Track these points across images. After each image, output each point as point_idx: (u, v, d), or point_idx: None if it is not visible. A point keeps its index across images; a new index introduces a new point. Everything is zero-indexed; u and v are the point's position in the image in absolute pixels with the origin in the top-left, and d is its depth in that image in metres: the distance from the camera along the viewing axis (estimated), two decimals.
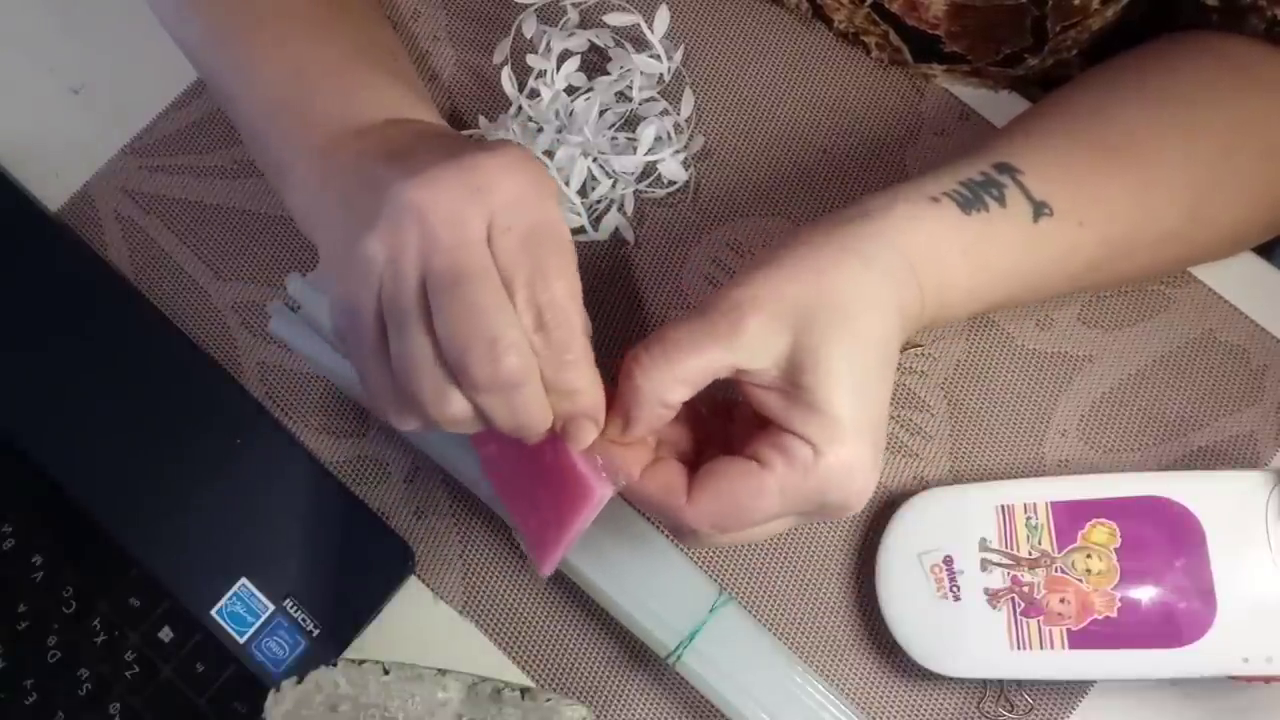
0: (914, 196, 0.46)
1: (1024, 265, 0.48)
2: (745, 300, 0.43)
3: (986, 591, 0.52)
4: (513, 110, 0.61)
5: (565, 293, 0.42)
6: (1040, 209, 0.47)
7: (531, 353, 0.41)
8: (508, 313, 0.41)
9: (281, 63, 0.51)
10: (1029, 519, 0.53)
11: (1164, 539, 0.52)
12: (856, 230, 0.45)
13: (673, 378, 0.43)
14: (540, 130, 0.59)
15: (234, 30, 0.52)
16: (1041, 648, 0.51)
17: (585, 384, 0.42)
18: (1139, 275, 0.56)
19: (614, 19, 0.61)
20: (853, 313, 0.42)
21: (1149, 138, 0.51)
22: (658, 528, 0.54)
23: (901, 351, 0.47)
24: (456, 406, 0.42)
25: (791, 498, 0.42)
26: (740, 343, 0.42)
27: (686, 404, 0.44)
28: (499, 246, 0.41)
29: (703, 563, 0.56)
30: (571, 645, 0.56)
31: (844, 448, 0.42)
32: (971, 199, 0.46)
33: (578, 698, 0.55)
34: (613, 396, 0.44)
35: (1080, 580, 0.52)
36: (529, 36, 0.62)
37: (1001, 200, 0.47)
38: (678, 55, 0.61)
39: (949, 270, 0.46)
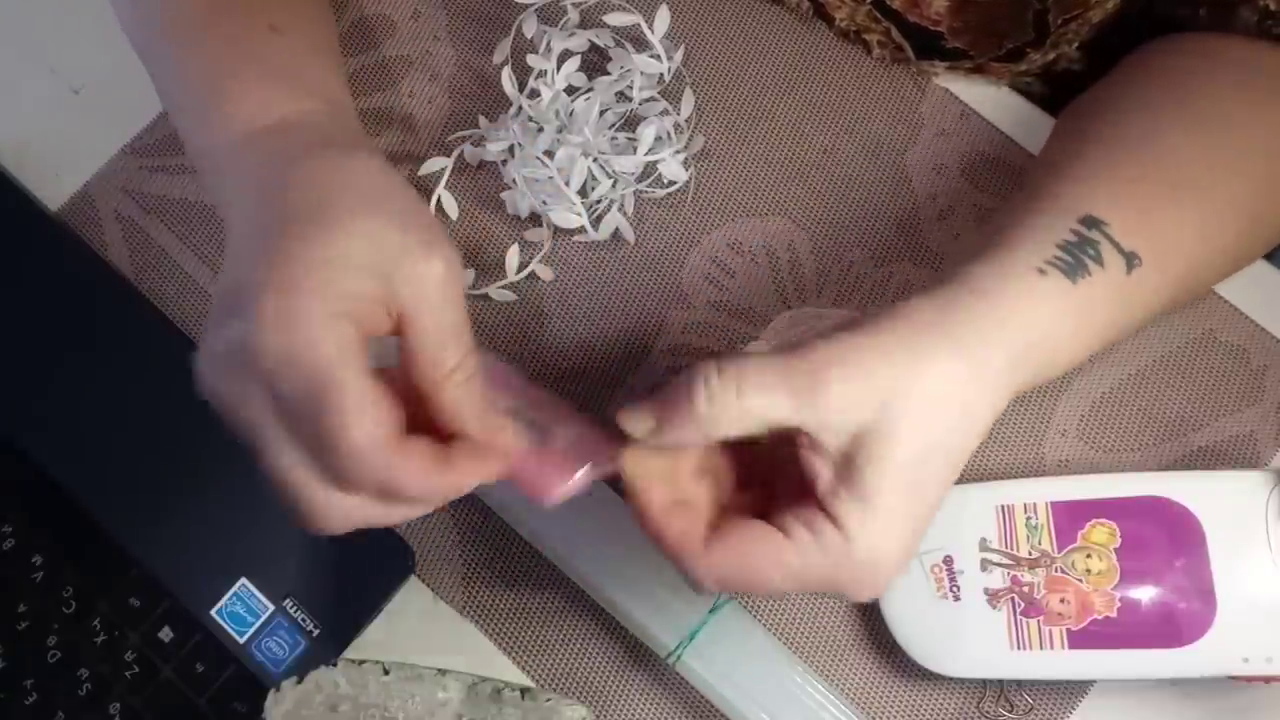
0: (1020, 270, 0.44)
1: (1121, 318, 0.47)
2: (833, 363, 0.41)
3: (986, 591, 0.52)
4: (513, 110, 0.61)
5: (334, 442, 0.39)
6: (1131, 261, 0.46)
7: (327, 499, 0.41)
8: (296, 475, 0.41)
9: (169, 64, 0.52)
10: (1029, 519, 0.53)
11: (1164, 539, 0.52)
12: (961, 314, 0.43)
13: (733, 413, 0.41)
14: (540, 130, 0.59)
15: (146, 22, 0.53)
16: (1041, 648, 0.51)
17: (413, 488, 0.41)
18: (1192, 300, 0.56)
19: (614, 19, 0.61)
20: (939, 411, 0.41)
21: (1204, 167, 0.50)
22: None
23: None
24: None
25: (807, 578, 0.41)
26: (815, 405, 0.40)
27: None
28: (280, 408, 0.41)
29: None
30: (571, 645, 0.56)
31: (875, 545, 0.41)
32: (1075, 264, 0.45)
33: (578, 698, 0.55)
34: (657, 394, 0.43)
35: (1080, 580, 0.52)
36: (529, 36, 0.62)
37: (1099, 260, 0.45)
38: (678, 55, 0.61)
39: (1059, 344, 0.45)
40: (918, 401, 0.41)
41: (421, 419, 0.42)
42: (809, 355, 0.41)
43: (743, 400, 0.40)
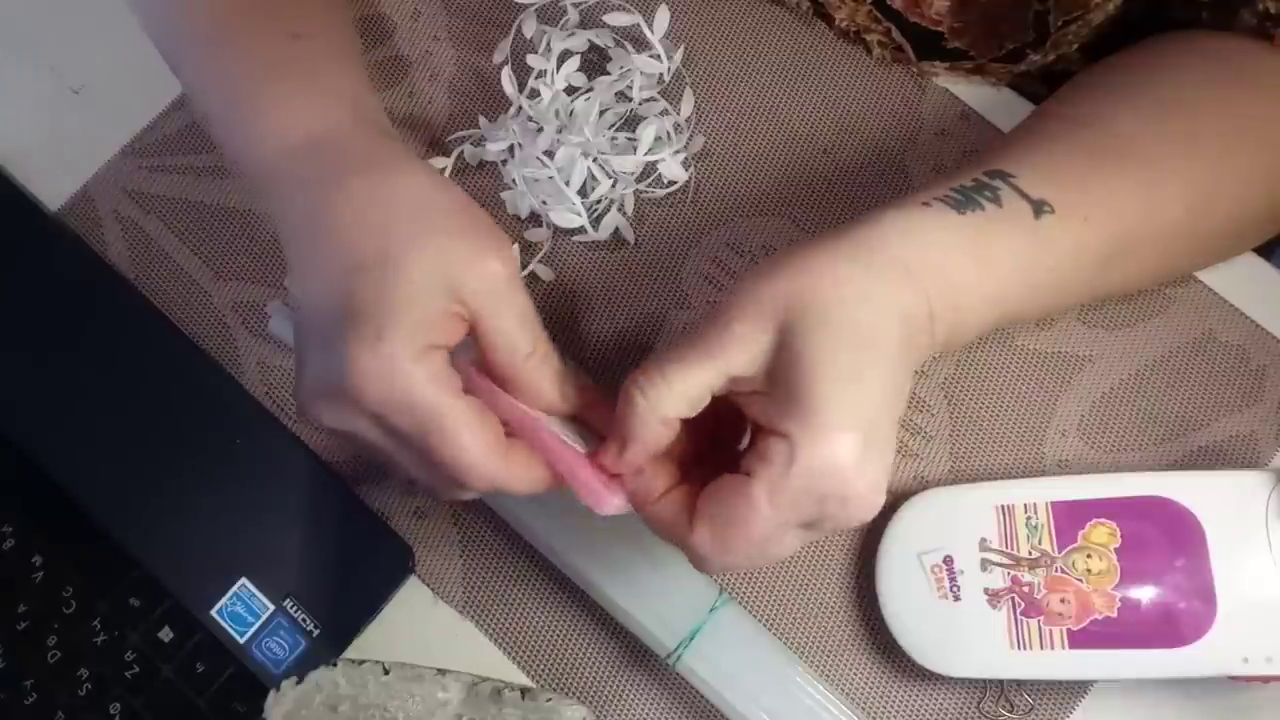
0: (903, 204, 0.46)
1: (1035, 264, 0.47)
2: (730, 307, 0.43)
3: (986, 591, 0.52)
4: (513, 110, 0.61)
5: (451, 462, 0.44)
6: (1040, 207, 0.47)
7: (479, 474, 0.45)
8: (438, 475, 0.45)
9: (195, 76, 0.53)
10: (1029, 519, 0.53)
11: (1164, 539, 0.52)
12: (844, 236, 0.44)
13: (668, 394, 0.43)
14: (540, 130, 0.59)
15: (175, 26, 0.54)
16: (1041, 648, 0.51)
17: (520, 488, 0.46)
18: (1149, 277, 0.55)
19: (614, 19, 0.61)
20: (835, 306, 0.42)
21: (1149, 141, 0.50)
22: None
23: None
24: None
25: (781, 502, 0.41)
26: (726, 349, 0.42)
27: (701, 431, 0.45)
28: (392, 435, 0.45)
29: None
30: (571, 645, 0.56)
31: (823, 437, 0.41)
32: (964, 201, 0.46)
33: (578, 698, 0.55)
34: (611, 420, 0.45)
35: (1080, 580, 0.52)
36: (529, 36, 0.62)
37: (996, 200, 0.46)
38: (678, 55, 0.61)
39: (954, 270, 0.45)
40: (813, 303, 0.42)
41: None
42: (710, 314, 0.43)
43: (670, 385, 0.43)
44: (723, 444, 0.47)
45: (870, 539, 0.56)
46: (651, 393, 0.43)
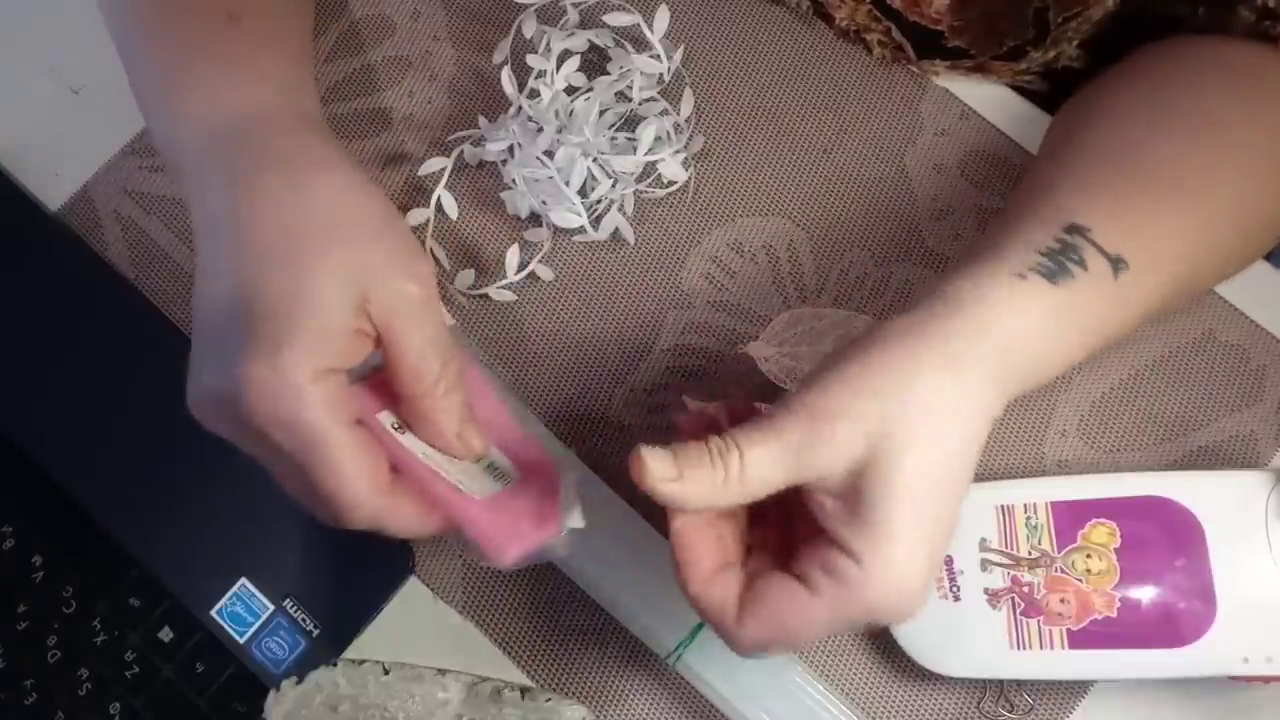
0: (1000, 277, 0.44)
1: (1112, 321, 0.47)
2: (822, 412, 0.41)
3: (986, 591, 0.52)
4: (513, 110, 0.61)
5: (329, 495, 0.42)
6: (1118, 264, 0.46)
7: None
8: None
9: (131, 57, 0.52)
10: (1029, 519, 0.53)
11: (1164, 539, 0.52)
12: (944, 327, 0.43)
13: (739, 488, 0.41)
14: (540, 130, 0.59)
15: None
16: (1041, 648, 0.51)
17: (401, 530, 0.44)
18: (1194, 300, 0.55)
19: (614, 19, 0.61)
20: (932, 426, 0.41)
21: (1198, 170, 0.50)
22: (658, 529, 0.54)
23: None
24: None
25: (839, 620, 0.41)
26: (812, 461, 0.41)
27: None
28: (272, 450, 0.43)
29: None
30: (571, 645, 0.56)
31: (894, 568, 0.40)
32: (1055, 269, 0.44)
33: (578, 698, 0.55)
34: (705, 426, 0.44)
35: (1080, 580, 0.52)
36: (529, 36, 0.62)
37: (1082, 264, 0.45)
38: (678, 55, 0.61)
39: (1046, 346, 0.44)
40: (909, 422, 0.41)
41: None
42: (799, 411, 0.41)
43: (746, 475, 0.41)
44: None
45: None
46: (728, 473, 0.41)
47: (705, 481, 0.41)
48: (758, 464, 0.41)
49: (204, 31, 0.50)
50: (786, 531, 0.45)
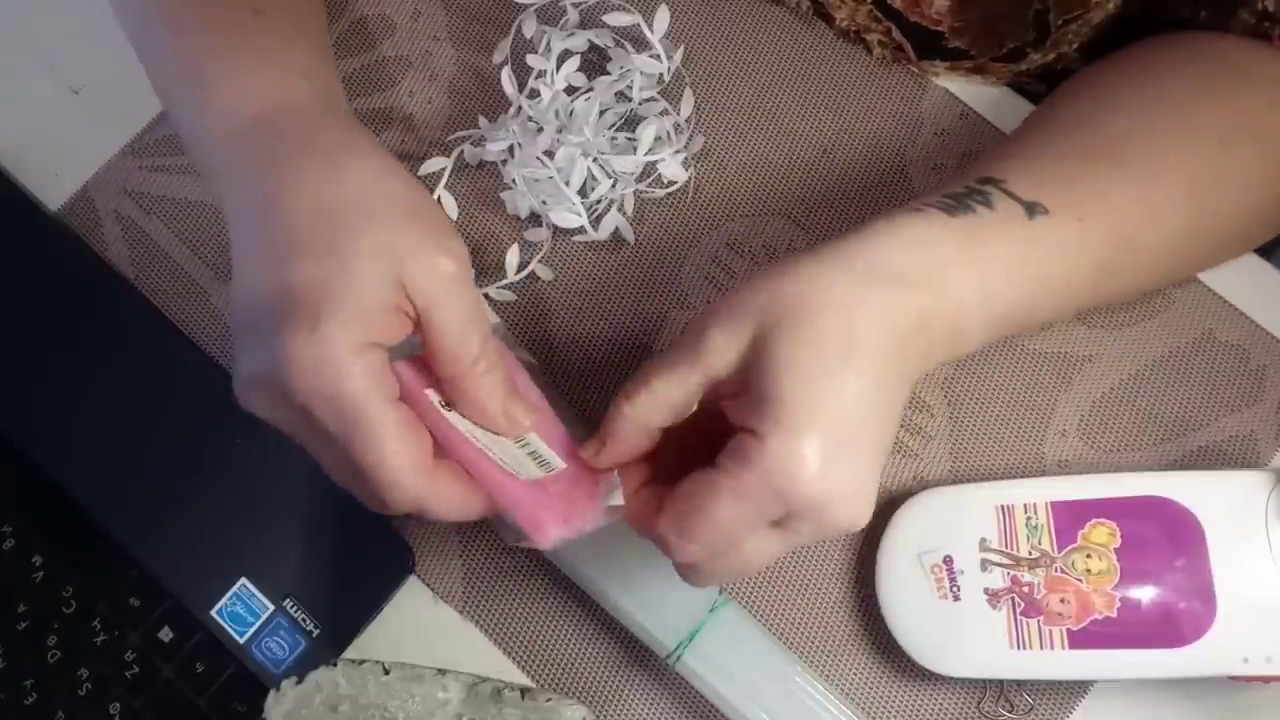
0: (894, 211, 0.45)
1: (1029, 264, 0.47)
2: (708, 314, 0.43)
3: (986, 591, 0.52)
4: (513, 110, 0.61)
5: (372, 472, 0.42)
6: (1033, 208, 0.46)
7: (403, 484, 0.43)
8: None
9: (155, 53, 0.52)
10: (1029, 519, 0.53)
11: (1164, 539, 0.52)
12: (831, 245, 0.44)
13: (651, 402, 0.43)
14: (540, 130, 0.59)
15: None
16: (1041, 648, 0.51)
17: (443, 512, 0.44)
18: (1153, 278, 0.55)
19: (614, 19, 0.61)
20: (810, 310, 0.41)
21: (1142, 139, 0.50)
22: None
23: None
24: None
25: (743, 494, 0.41)
26: (704, 355, 0.42)
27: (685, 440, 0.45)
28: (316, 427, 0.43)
29: None
30: (571, 645, 0.56)
31: (787, 433, 0.40)
32: (954, 205, 0.46)
33: (578, 698, 0.55)
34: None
35: (1080, 580, 0.52)
36: (529, 36, 0.62)
37: (988, 204, 0.46)
38: (678, 55, 0.61)
39: (949, 273, 0.44)
40: (788, 307, 0.42)
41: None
42: (692, 325, 0.43)
43: (654, 394, 0.43)
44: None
45: (870, 539, 0.56)
46: (638, 400, 0.43)
47: (626, 426, 0.44)
48: (660, 383, 0.43)
49: (229, 24, 0.50)
50: None
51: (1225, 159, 0.51)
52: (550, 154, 0.59)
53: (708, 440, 0.44)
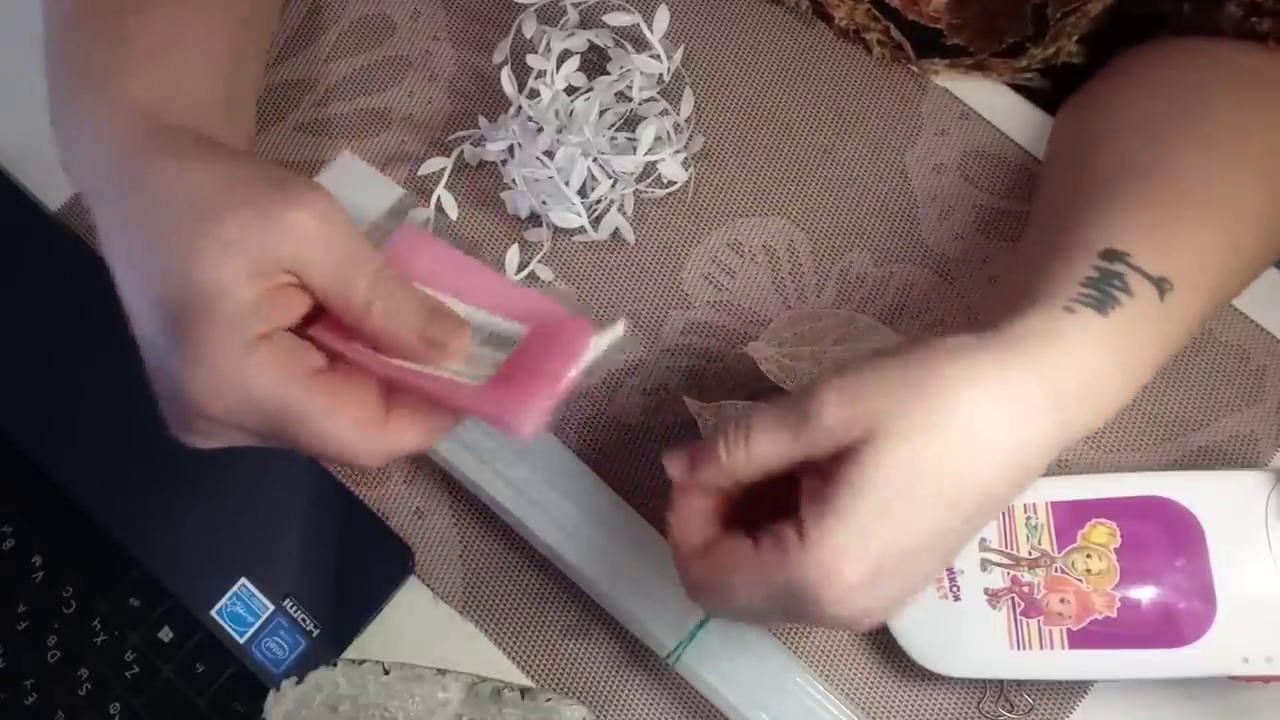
0: (1049, 311, 0.43)
1: (1164, 344, 0.45)
2: (828, 391, 0.41)
3: (986, 591, 0.52)
4: (513, 110, 0.61)
5: (321, 450, 0.42)
6: (1162, 285, 0.45)
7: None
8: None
9: (51, 64, 0.52)
10: (1029, 519, 0.53)
11: (1164, 539, 0.52)
12: (983, 353, 0.41)
13: (744, 460, 0.42)
14: (540, 130, 0.59)
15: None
16: (1041, 648, 0.51)
17: (412, 448, 0.43)
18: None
19: (614, 19, 0.61)
20: (930, 436, 0.40)
21: (1221, 180, 0.49)
22: (657, 529, 0.54)
23: None
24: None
25: (763, 579, 0.41)
26: (809, 435, 0.41)
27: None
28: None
29: None
30: (571, 645, 0.56)
31: (827, 546, 0.39)
32: (1102, 298, 0.43)
33: (578, 698, 0.55)
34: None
35: (1080, 580, 0.52)
36: (529, 36, 0.62)
37: (1127, 289, 0.44)
38: (678, 55, 0.61)
39: (1107, 380, 0.43)
40: (910, 423, 0.40)
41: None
42: (811, 390, 0.41)
43: (750, 448, 0.42)
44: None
45: None
46: (734, 451, 0.42)
47: (712, 463, 0.43)
48: (759, 441, 0.42)
49: (100, 44, 0.49)
50: None
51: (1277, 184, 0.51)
52: (550, 154, 0.59)
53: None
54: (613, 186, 0.60)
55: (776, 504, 0.43)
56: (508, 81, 0.61)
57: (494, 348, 0.43)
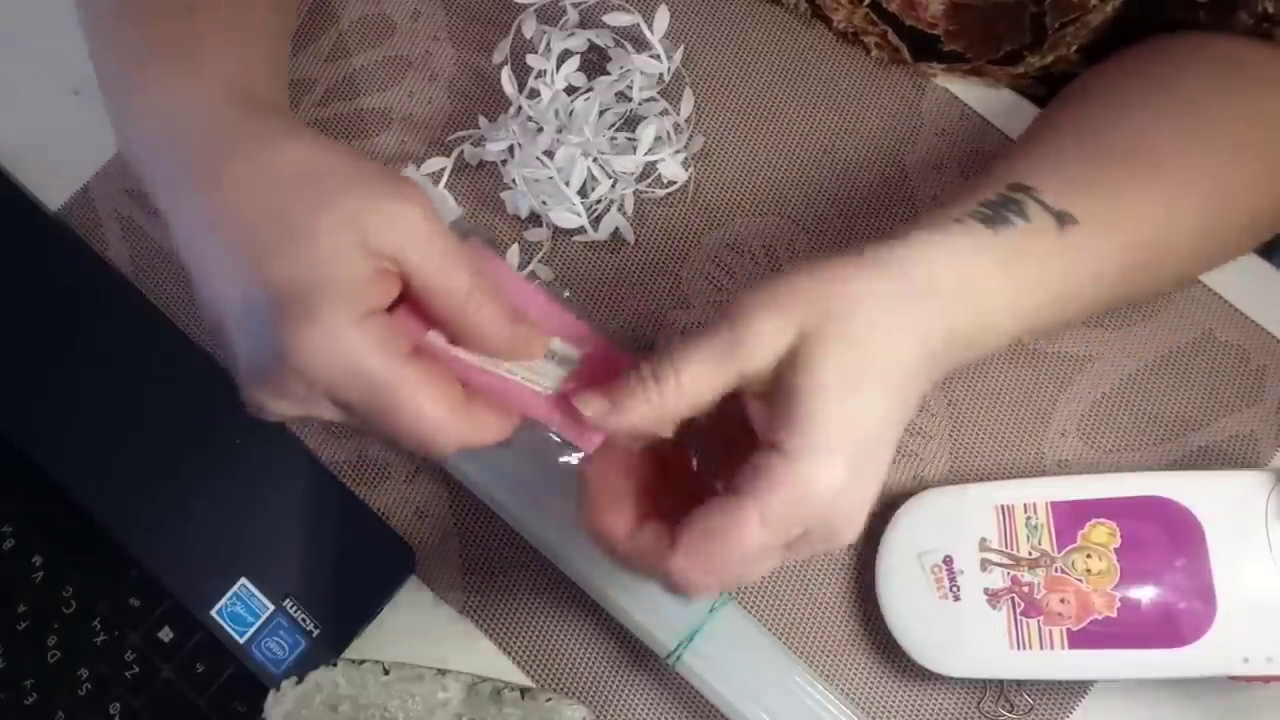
0: (935, 220, 0.45)
1: (1060, 277, 0.46)
2: (752, 304, 0.41)
3: (986, 591, 0.52)
4: (513, 110, 0.61)
5: (411, 430, 0.42)
6: (1063, 218, 0.46)
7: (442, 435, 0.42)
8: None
9: (95, 54, 0.51)
10: (1029, 519, 0.53)
11: (1164, 539, 0.52)
12: (875, 252, 0.43)
13: (676, 391, 0.41)
14: (540, 130, 0.59)
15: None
16: (1041, 648, 0.51)
17: (490, 441, 0.44)
18: (1170, 282, 0.55)
19: (614, 19, 0.61)
20: (855, 321, 0.41)
21: (1166, 143, 0.50)
22: None
23: None
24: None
25: (773, 521, 0.40)
26: (746, 348, 0.41)
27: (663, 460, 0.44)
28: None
29: None
30: (571, 645, 0.56)
31: (822, 458, 0.39)
32: (992, 216, 0.45)
33: (578, 698, 0.55)
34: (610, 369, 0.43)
35: (1080, 580, 0.52)
36: (529, 36, 0.62)
37: (1024, 215, 0.45)
38: (678, 55, 0.61)
39: (987, 290, 0.44)
40: (839, 312, 0.41)
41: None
42: (731, 312, 0.41)
43: (681, 377, 0.41)
44: (672, 475, 0.46)
45: (870, 539, 0.56)
46: (664, 387, 0.41)
47: (643, 402, 0.41)
48: (690, 371, 0.41)
49: (162, 27, 0.49)
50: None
51: (1241, 163, 0.51)
52: (550, 154, 0.59)
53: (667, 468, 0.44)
54: (613, 186, 0.60)
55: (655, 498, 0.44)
56: (508, 81, 0.61)
57: (555, 364, 0.45)
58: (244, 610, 0.56)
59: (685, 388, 0.41)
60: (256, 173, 0.43)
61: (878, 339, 0.41)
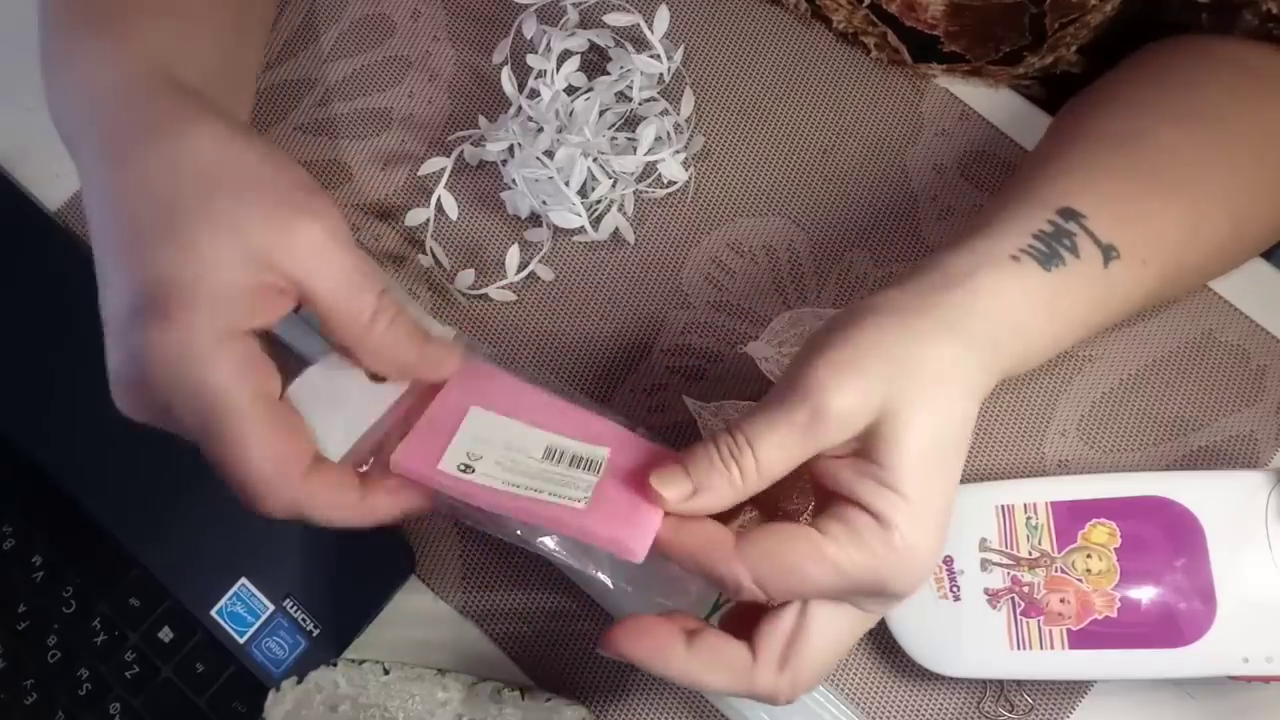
0: (995, 257, 0.44)
1: (1098, 310, 0.47)
2: (827, 387, 0.40)
3: (986, 591, 0.52)
4: (513, 110, 0.61)
5: (232, 473, 0.40)
6: (1109, 253, 0.46)
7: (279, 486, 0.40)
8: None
9: (45, 37, 0.49)
10: (1029, 519, 0.53)
11: (1164, 539, 0.52)
12: (943, 299, 0.43)
13: (756, 477, 0.41)
14: (540, 130, 0.59)
15: None
16: (1041, 648, 0.51)
17: (323, 517, 0.42)
18: (1183, 294, 0.56)
19: (614, 19, 0.61)
20: (938, 390, 0.41)
21: (1192, 161, 0.50)
22: None
23: None
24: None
25: (852, 574, 0.40)
26: (827, 428, 0.40)
27: None
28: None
29: None
30: (571, 645, 0.56)
31: (914, 531, 0.40)
32: (1049, 254, 0.45)
33: (578, 698, 0.55)
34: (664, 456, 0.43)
35: (1080, 580, 0.52)
36: (529, 36, 0.62)
37: (1075, 251, 0.45)
38: (678, 55, 0.61)
39: (1034, 334, 0.45)
40: (917, 390, 0.41)
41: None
42: (805, 383, 0.41)
43: (761, 468, 0.41)
44: None
45: None
46: (744, 468, 0.41)
47: (722, 487, 0.41)
48: (769, 454, 0.41)
49: (95, 6, 0.47)
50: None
51: (1262, 177, 0.52)
52: (550, 154, 0.59)
53: None
54: (613, 186, 0.60)
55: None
56: (508, 81, 0.61)
57: (582, 470, 0.44)
58: (244, 610, 0.56)
59: (765, 468, 0.41)
60: (157, 160, 0.41)
61: (957, 409, 0.42)
